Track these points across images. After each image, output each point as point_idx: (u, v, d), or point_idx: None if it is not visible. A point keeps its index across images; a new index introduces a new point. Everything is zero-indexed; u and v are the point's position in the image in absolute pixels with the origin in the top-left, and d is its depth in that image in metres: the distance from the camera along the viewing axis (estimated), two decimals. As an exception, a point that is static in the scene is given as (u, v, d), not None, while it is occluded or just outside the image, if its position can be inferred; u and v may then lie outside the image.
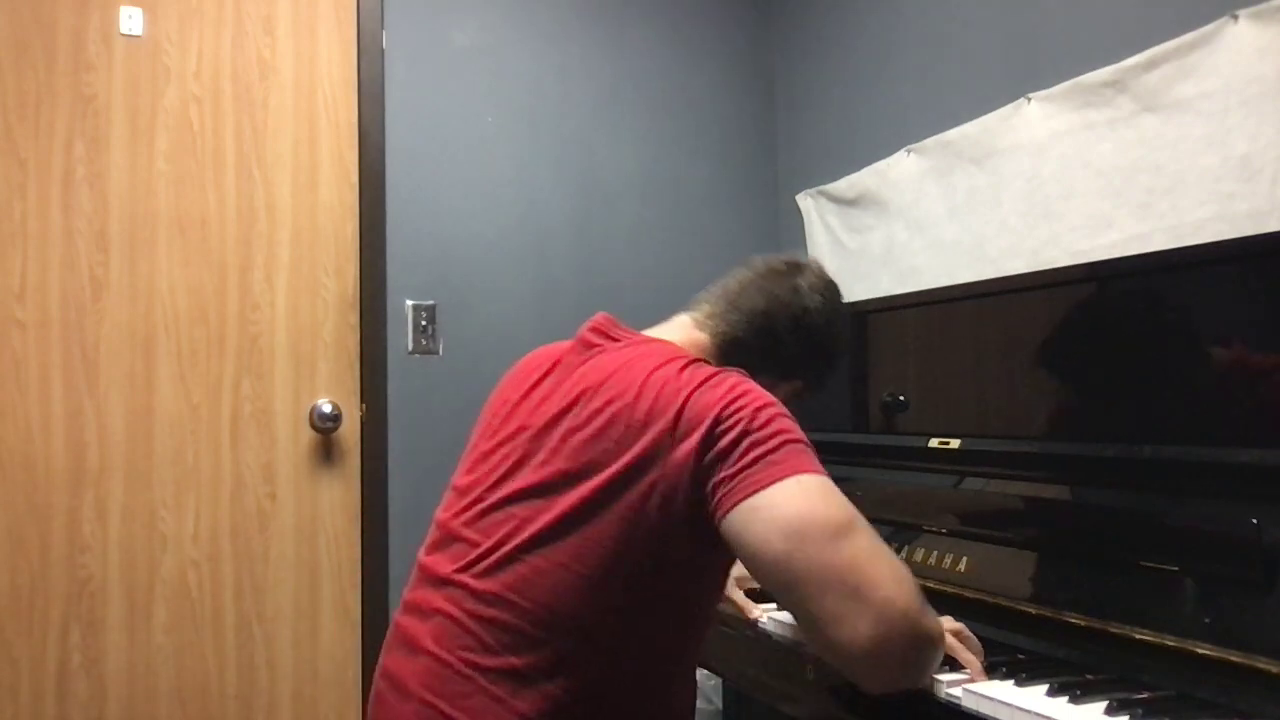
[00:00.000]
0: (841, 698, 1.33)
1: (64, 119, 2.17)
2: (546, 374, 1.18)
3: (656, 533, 1.01)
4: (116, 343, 2.19)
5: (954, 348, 1.61)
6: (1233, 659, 0.99)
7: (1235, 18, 1.60)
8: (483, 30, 2.56)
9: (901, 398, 1.71)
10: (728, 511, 0.98)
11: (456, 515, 1.13)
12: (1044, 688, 1.06)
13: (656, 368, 1.08)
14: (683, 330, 1.25)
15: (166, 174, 2.25)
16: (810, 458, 1.01)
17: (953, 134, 2.18)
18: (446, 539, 1.12)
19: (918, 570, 1.41)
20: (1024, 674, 1.09)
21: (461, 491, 1.15)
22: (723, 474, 0.99)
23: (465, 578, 1.06)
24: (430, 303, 2.45)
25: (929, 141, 2.26)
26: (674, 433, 1.01)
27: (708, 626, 1.17)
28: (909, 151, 2.32)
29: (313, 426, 2.33)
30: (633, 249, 2.64)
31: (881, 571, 0.94)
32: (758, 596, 1.58)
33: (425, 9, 2.49)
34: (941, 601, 1.35)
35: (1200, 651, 1.02)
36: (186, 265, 2.25)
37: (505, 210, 2.56)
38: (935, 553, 1.41)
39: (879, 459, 1.67)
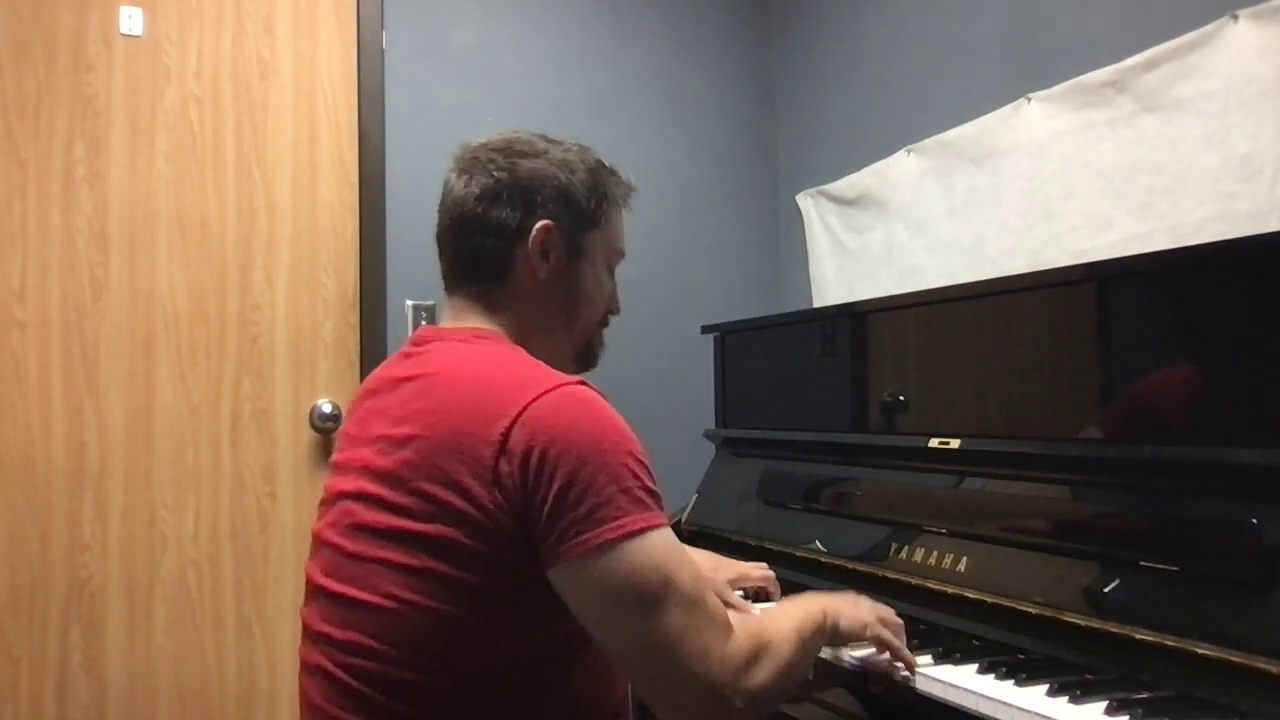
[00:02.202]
0: (842, 698, 1.33)
1: (64, 119, 2.17)
2: (376, 398, 1.12)
3: (486, 558, 0.97)
4: (116, 343, 2.19)
5: (954, 348, 1.61)
6: (1233, 659, 0.99)
7: (1235, 18, 1.60)
8: (483, 30, 2.56)
9: (901, 398, 1.71)
10: (551, 565, 0.96)
11: (316, 566, 1.10)
12: (1044, 688, 1.06)
13: (482, 381, 1.02)
14: (456, 311, 1.16)
15: (166, 174, 2.25)
16: (639, 508, 0.96)
17: (953, 134, 2.18)
18: (312, 591, 1.10)
19: (917, 570, 1.42)
20: (1024, 674, 1.09)
21: (315, 538, 1.13)
22: (547, 524, 0.95)
23: (329, 629, 1.04)
24: (430, 303, 2.45)
25: (929, 141, 2.26)
26: (497, 465, 0.96)
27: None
28: (909, 151, 2.32)
29: (313, 426, 2.33)
30: (632, 249, 2.63)
31: (691, 649, 0.95)
32: (754, 596, 1.58)
33: (425, 9, 2.49)
34: (941, 602, 1.35)
35: (1200, 651, 1.02)
36: (186, 265, 2.25)
37: (505, 210, 2.55)
38: (935, 553, 1.41)
39: (879, 459, 1.67)
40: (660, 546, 0.97)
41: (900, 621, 1.20)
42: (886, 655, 1.19)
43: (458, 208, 1.15)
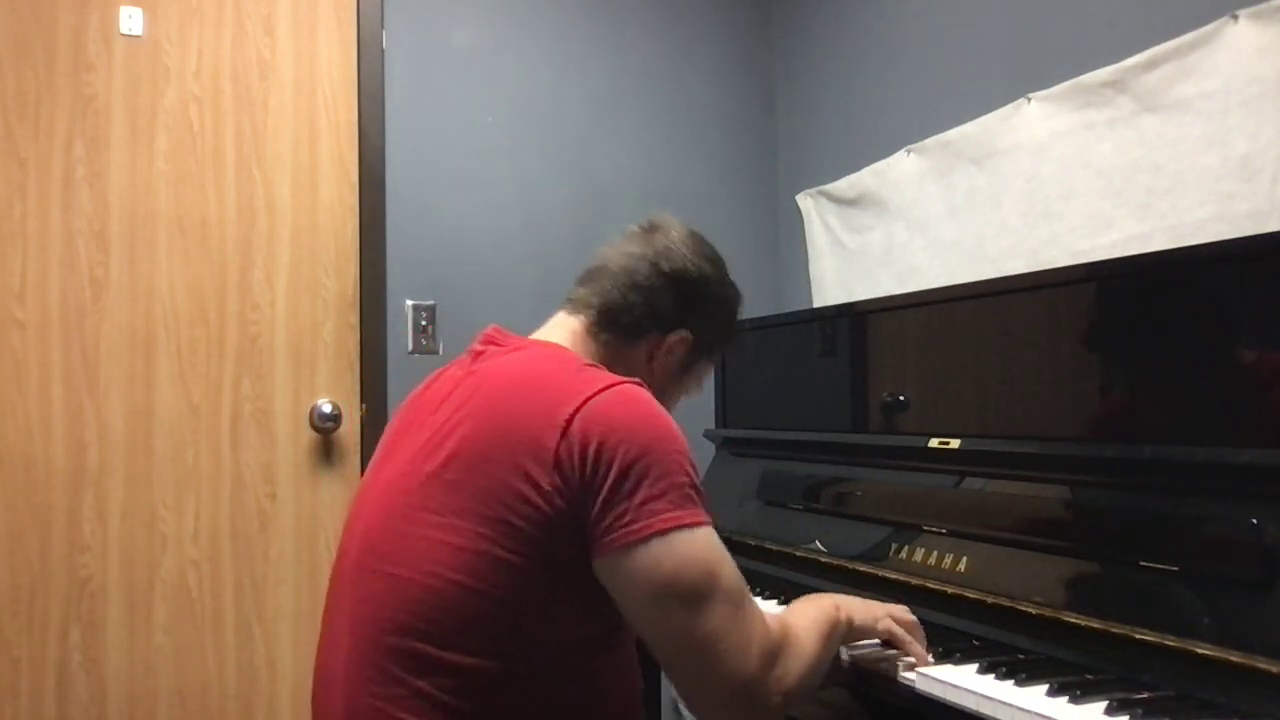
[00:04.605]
0: (841, 698, 1.33)
1: (64, 119, 2.17)
2: (433, 390, 1.16)
3: (538, 543, 0.99)
4: (116, 343, 2.19)
5: (954, 348, 1.61)
6: (1233, 659, 0.99)
7: (1235, 18, 1.60)
8: (482, 30, 2.56)
9: (901, 398, 1.71)
10: (599, 555, 0.99)
11: (354, 546, 1.10)
12: (1044, 688, 1.06)
13: (544, 375, 1.06)
14: (562, 327, 1.22)
15: (166, 174, 2.25)
16: (689, 504, 1.00)
17: (953, 134, 2.18)
18: (345, 570, 1.11)
19: (918, 570, 1.42)
20: (1024, 674, 1.09)
21: (354, 518, 1.14)
22: (600, 512, 0.98)
23: (367, 608, 1.04)
24: (430, 303, 2.45)
25: (929, 141, 2.26)
26: (558, 450, 0.98)
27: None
28: (909, 151, 2.32)
29: (313, 426, 2.33)
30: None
31: (732, 644, 0.98)
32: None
33: (425, 9, 2.49)
34: (941, 602, 1.35)
35: (1200, 651, 1.02)
36: (186, 265, 2.25)
37: (505, 210, 2.55)
38: (935, 553, 1.41)
39: (879, 459, 1.67)
40: (707, 542, 1.00)
41: (914, 619, 1.22)
42: (894, 651, 1.20)
43: (638, 262, 1.22)
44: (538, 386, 1.04)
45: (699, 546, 0.99)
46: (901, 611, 1.22)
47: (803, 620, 1.11)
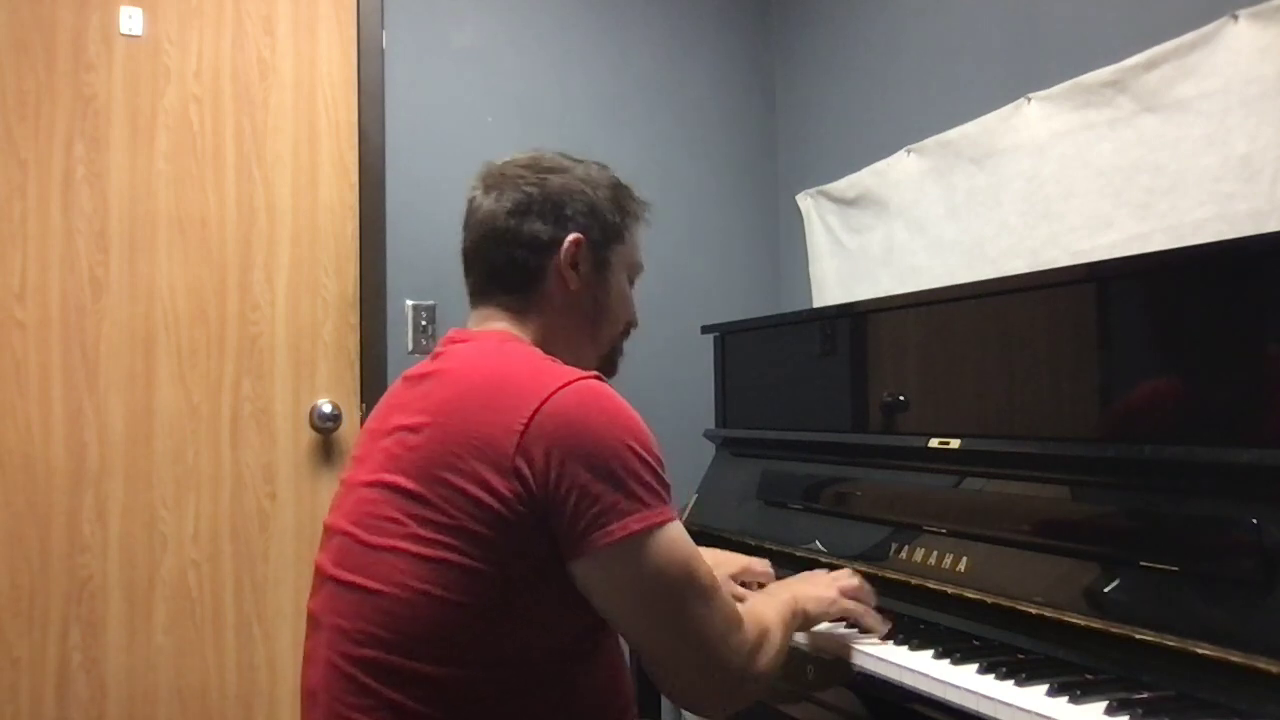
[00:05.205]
0: (842, 698, 1.33)
1: (64, 119, 2.17)
2: (398, 394, 1.15)
3: (501, 549, 0.98)
4: (116, 343, 2.19)
5: (954, 348, 1.61)
6: (1233, 659, 0.99)
7: (1235, 18, 1.60)
8: (482, 31, 2.56)
9: (901, 398, 1.71)
10: (573, 558, 0.98)
11: (327, 556, 1.10)
12: (1044, 688, 1.06)
13: (498, 376, 1.05)
14: (484, 320, 1.20)
15: (166, 174, 2.25)
16: (658, 501, 1.00)
17: (953, 134, 2.18)
18: (321, 581, 1.10)
19: (917, 570, 1.42)
20: (1024, 674, 1.09)
21: (328, 530, 1.13)
22: (571, 518, 0.97)
23: (338, 620, 1.04)
24: (430, 303, 2.45)
25: (929, 141, 2.26)
26: (515, 458, 0.98)
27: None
28: (909, 151, 2.32)
29: (313, 426, 2.33)
30: (633, 249, 2.64)
31: (709, 636, 1.02)
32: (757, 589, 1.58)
33: (425, 9, 2.49)
34: (942, 601, 1.36)
35: (1200, 651, 1.02)
36: (186, 265, 2.25)
37: (505, 210, 2.55)
38: (935, 553, 1.41)
39: (879, 459, 1.67)
40: (680, 539, 1.02)
41: (856, 583, 1.30)
42: (855, 629, 1.26)
43: (489, 223, 1.20)
44: (492, 389, 1.03)
45: (672, 545, 1.00)
46: (847, 579, 1.30)
47: (770, 611, 1.15)
